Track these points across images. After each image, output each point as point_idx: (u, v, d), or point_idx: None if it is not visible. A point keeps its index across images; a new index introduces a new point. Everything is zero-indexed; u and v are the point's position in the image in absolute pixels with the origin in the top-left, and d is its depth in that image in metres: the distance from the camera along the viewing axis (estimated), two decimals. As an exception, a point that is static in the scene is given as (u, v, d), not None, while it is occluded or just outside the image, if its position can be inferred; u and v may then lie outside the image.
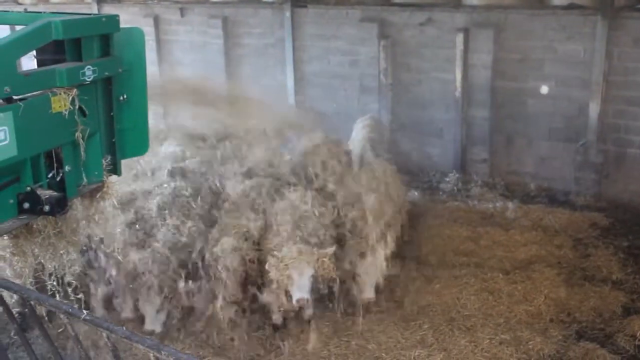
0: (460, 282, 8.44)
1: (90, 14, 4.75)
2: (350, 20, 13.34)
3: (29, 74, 3.69)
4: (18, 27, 4.23)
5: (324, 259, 6.93)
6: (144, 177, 8.61)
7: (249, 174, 8.42)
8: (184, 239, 7.35)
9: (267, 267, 6.96)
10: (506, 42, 11.80)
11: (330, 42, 13.64)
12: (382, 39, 12.86)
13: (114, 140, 4.39)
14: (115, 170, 4.45)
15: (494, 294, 8.15)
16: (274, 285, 6.99)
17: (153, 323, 7.06)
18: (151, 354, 3.57)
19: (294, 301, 6.92)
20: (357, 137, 11.16)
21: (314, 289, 7.06)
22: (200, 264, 7.41)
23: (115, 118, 4.34)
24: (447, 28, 12.30)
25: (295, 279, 6.85)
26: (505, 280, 8.43)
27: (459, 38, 12.06)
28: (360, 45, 13.23)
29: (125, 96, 4.36)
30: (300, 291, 6.84)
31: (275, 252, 6.98)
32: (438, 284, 8.42)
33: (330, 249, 7.04)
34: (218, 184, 8.42)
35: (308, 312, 7.49)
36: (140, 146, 4.63)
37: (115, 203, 5.18)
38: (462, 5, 12.49)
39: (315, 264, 6.91)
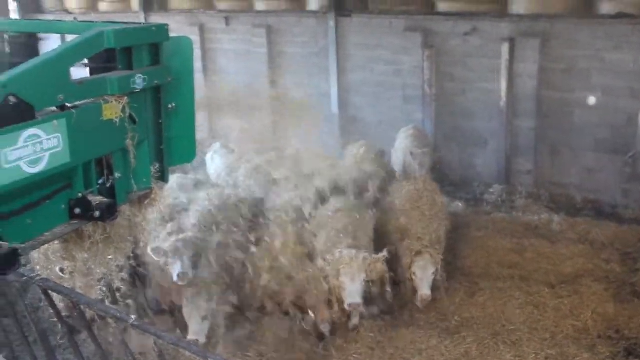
0: (504, 295, 8.29)
1: (140, 24, 4.83)
2: (394, 29, 13.30)
3: (82, 82, 3.75)
4: (69, 36, 4.33)
5: (376, 264, 6.95)
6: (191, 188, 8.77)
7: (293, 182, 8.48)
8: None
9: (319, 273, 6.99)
10: (552, 52, 11.62)
11: (373, 52, 13.62)
12: (426, 48, 12.79)
13: (162, 147, 4.44)
14: (162, 177, 4.51)
15: (539, 308, 7.99)
16: (325, 292, 7.01)
17: (197, 332, 6.89)
18: (197, 361, 3.60)
19: (346, 306, 6.92)
20: (400, 146, 11.15)
21: (366, 294, 7.08)
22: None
23: (164, 126, 4.39)
24: (492, 37, 12.17)
25: (348, 284, 6.85)
26: (551, 294, 8.25)
27: (504, 48, 11.93)
28: (404, 54, 13.18)
29: (173, 104, 4.41)
30: (353, 296, 6.84)
31: (327, 257, 6.99)
32: (482, 296, 8.30)
33: (382, 254, 7.05)
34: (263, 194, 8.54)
35: (354, 321, 7.49)
36: (188, 154, 4.68)
37: (162, 209, 5.24)
38: (507, 15, 12.35)
39: (367, 268, 6.89)
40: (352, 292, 6.88)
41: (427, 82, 12.85)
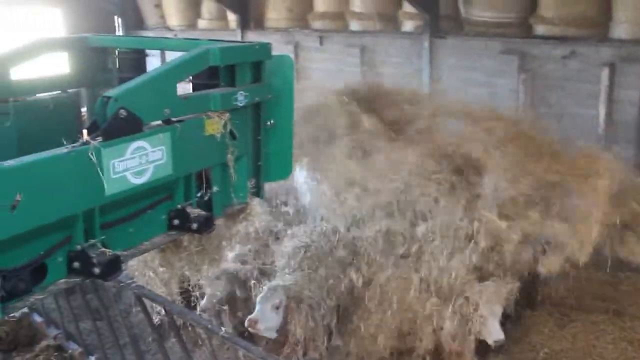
0: (597, 328, 8.02)
1: (242, 42, 4.94)
2: (489, 51, 13.13)
3: (187, 97, 3.88)
4: (169, 52, 4.49)
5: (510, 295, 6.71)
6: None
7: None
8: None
9: (451, 313, 6.73)
10: (655, 78, 11.20)
11: (468, 74, 13.46)
12: (522, 72, 12.56)
13: (259, 163, 4.52)
14: (258, 193, 4.58)
15: (633, 345, 7.70)
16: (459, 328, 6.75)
17: (259, 317, 6.41)
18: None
19: (490, 342, 6.66)
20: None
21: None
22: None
23: (262, 142, 4.46)
24: (592, 62, 11.83)
25: (489, 319, 6.60)
26: (646, 330, 7.93)
27: (604, 73, 11.58)
28: (499, 77, 12.98)
29: (272, 121, 4.48)
30: (497, 332, 6.56)
31: (467, 291, 6.74)
32: (573, 328, 8.05)
33: (516, 283, 6.87)
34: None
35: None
36: (284, 170, 4.75)
37: (258, 225, 5.30)
38: (608, 39, 11.99)
39: (503, 301, 6.69)
40: (496, 327, 6.60)
41: (522, 106, 12.60)
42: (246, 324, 6.31)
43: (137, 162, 3.49)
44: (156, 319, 6.35)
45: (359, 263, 7.42)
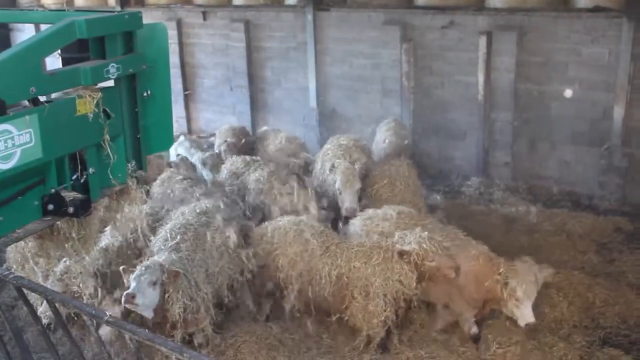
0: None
1: (113, 12, 4.76)
2: (372, 23, 13.28)
3: (54, 73, 3.70)
4: (43, 26, 4.26)
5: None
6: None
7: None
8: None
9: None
10: (529, 45, 11.67)
11: (352, 45, 13.59)
12: (405, 42, 12.79)
13: (139, 136, 4.39)
14: (140, 166, 4.46)
15: (516, 299, 8.04)
16: None
17: (131, 291, 6.00)
18: (173, 356, 3.56)
19: (522, 324, 6.75)
20: (380, 139, 11.18)
21: None
22: None
23: (140, 114, 4.34)
24: (470, 31, 12.19)
25: (525, 302, 6.68)
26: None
27: (482, 41, 11.95)
28: (383, 48, 13.17)
29: (149, 92, 4.36)
30: (530, 316, 6.61)
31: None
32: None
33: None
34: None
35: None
36: (165, 141, 4.65)
37: (140, 205, 5.12)
38: (485, 8, 12.37)
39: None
40: (529, 310, 6.62)
41: (405, 75, 12.86)
42: (123, 299, 5.90)
43: (2, 147, 3.32)
44: (40, 310, 6.09)
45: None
